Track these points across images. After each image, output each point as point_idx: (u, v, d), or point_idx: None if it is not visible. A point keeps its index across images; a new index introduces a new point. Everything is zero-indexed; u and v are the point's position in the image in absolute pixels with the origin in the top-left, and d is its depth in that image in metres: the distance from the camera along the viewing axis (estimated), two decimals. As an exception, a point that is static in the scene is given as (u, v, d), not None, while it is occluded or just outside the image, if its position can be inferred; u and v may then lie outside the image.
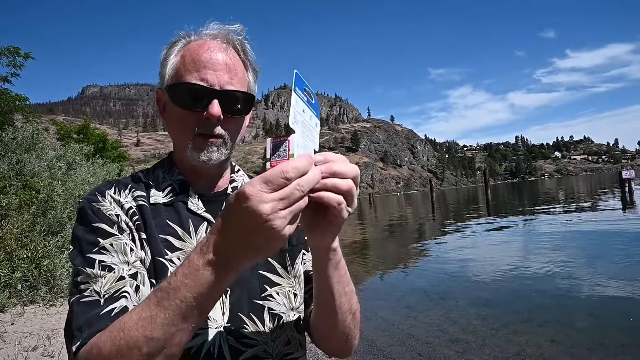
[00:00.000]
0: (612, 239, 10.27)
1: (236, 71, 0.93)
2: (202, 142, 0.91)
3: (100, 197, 0.89)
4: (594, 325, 4.90)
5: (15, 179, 7.35)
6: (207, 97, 0.88)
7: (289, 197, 0.58)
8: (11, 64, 11.03)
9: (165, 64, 0.94)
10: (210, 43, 0.92)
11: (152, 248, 0.87)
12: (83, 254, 0.81)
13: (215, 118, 0.88)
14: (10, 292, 5.65)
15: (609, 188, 36.49)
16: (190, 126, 0.90)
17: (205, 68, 0.89)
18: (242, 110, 0.94)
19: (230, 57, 0.92)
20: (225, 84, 0.90)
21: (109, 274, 0.78)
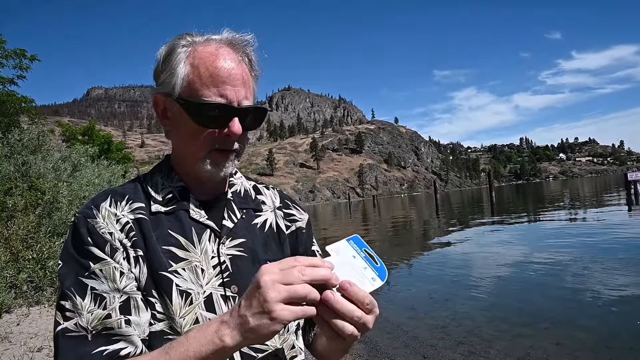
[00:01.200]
0: (618, 241, 10.20)
1: (249, 85, 0.92)
2: (219, 156, 0.90)
3: (96, 211, 0.86)
4: (600, 328, 4.86)
5: (21, 181, 7.39)
6: (228, 115, 0.87)
7: (289, 274, 0.67)
8: (17, 66, 11.12)
9: (171, 71, 0.90)
10: (223, 51, 0.89)
11: (154, 263, 0.85)
12: (75, 275, 0.80)
13: (237, 136, 0.89)
14: (16, 293, 5.67)
15: (615, 190, 36.29)
16: (206, 141, 0.89)
17: (224, 84, 0.87)
18: (257, 125, 0.95)
19: (244, 71, 0.91)
20: (243, 100, 0.89)
21: (96, 309, 0.78)
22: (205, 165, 0.90)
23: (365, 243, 0.78)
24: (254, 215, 1.03)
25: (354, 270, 0.74)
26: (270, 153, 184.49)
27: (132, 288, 0.82)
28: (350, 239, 0.78)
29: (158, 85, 0.94)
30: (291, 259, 0.70)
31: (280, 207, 1.10)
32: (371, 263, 0.76)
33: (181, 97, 0.88)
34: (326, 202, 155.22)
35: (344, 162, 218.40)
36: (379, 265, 0.76)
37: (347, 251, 0.76)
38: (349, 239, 0.78)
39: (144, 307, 0.82)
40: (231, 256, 0.92)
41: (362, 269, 0.75)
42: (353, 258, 0.76)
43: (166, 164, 1.00)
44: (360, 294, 0.70)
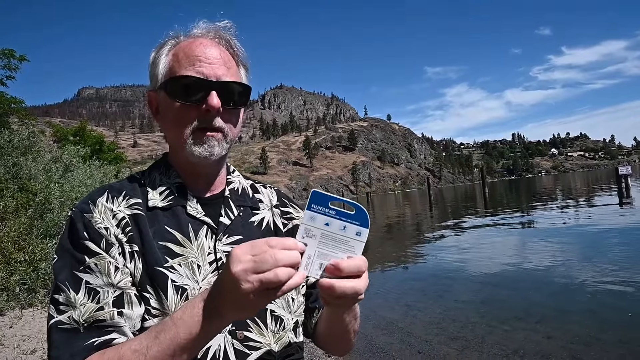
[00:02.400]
0: (609, 234, 10.31)
1: (230, 65, 0.93)
2: (202, 135, 0.90)
3: (92, 206, 0.87)
4: (591, 321, 4.92)
5: (11, 182, 7.33)
6: (205, 89, 0.88)
7: (262, 262, 0.64)
8: (6, 67, 11.00)
9: (156, 64, 0.94)
10: (201, 39, 0.93)
11: (149, 258, 0.85)
12: (70, 269, 0.81)
13: (215, 109, 0.88)
14: (8, 296, 5.63)
15: (606, 184, 36.60)
16: (189, 120, 0.90)
17: (200, 62, 0.89)
18: (240, 102, 0.94)
19: (223, 53, 0.93)
20: (221, 76, 0.90)
21: (89, 303, 0.79)
22: (191, 146, 0.90)
23: (327, 195, 0.70)
24: (251, 213, 1.04)
25: (335, 239, 0.70)
26: (263, 151, 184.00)
27: (126, 283, 0.83)
28: (310, 203, 0.70)
29: (150, 83, 0.97)
30: (263, 241, 0.67)
31: (278, 206, 1.11)
32: (346, 216, 0.70)
33: (163, 83, 0.92)
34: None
35: (337, 159, 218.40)
36: (354, 212, 0.71)
37: (317, 221, 0.70)
38: (309, 204, 0.70)
39: (137, 302, 0.83)
40: (227, 253, 0.92)
41: (342, 231, 0.70)
42: (327, 226, 0.70)
43: (164, 161, 1.01)
44: (353, 267, 0.70)
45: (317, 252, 0.69)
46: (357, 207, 0.71)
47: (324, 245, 0.70)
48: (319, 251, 0.69)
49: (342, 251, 0.70)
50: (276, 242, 0.66)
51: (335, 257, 0.70)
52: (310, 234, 0.69)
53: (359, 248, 0.71)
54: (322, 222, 0.69)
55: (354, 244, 0.71)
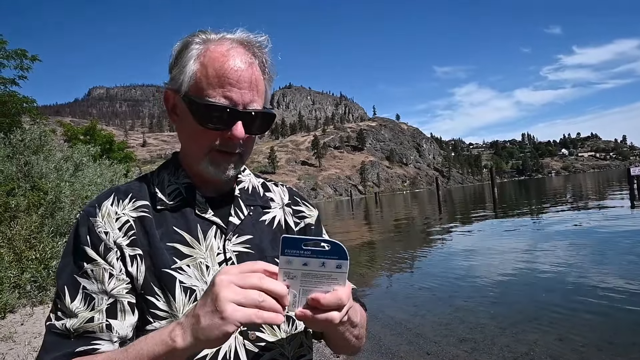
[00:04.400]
0: (621, 236, 10.17)
1: (259, 87, 0.90)
2: (219, 157, 0.89)
3: (97, 209, 0.88)
4: (603, 324, 4.86)
5: (23, 181, 7.41)
6: (231, 118, 0.86)
7: (246, 277, 0.66)
8: (19, 67, 11.12)
9: (182, 67, 0.89)
10: (234, 52, 0.87)
11: (157, 260, 0.85)
12: (70, 273, 0.83)
13: (239, 140, 0.87)
14: (20, 293, 5.69)
15: (617, 185, 36.20)
16: (208, 142, 0.88)
17: (230, 85, 0.85)
18: (263, 129, 0.92)
19: (254, 73, 0.88)
20: (249, 104, 0.87)
21: (83, 311, 0.81)
22: (206, 164, 0.90)
23: (298, 237, 0.70)
24: (262, 212, 1.03)
25: (317, 276, 0.70)
26: (271, 151, 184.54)
27: (119, 291, 0.83)
28: (283, 249, 0.69)
29: (170, 80, 0.93)
30: (252, 263, 0.69)
31: (289, 204, 1.09)
32: (322, 253, 0.70)
33: (187, 95, 0.87)
34: (328, 200, 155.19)
35: (345, 159, 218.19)
36: (330, 248, 0.70)
37: (294, 264, 0.69)
38: (283, 250, 0.69)
39: (130, 310, 0.83)
40: (237, 253, 0.92)
41: (322, 267, 0.70)
42: (306, 266, 0.69)
43: (174, 161, 1.00)
44: (332, 301, 0.70)
45: (301, 290, 0.70)
46: (332, 244, 0.70)
47: (306, 283, 0.70)
48: (303, 289, 0.70)
49: (326, 285, 0.70)
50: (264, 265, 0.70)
51: (320, 291, 0.70)
52: (290, 275, 0.69)
53: (343, 279, 0.71)
54: (300, 264, 0.69)
55: (336, 276, 0.70)
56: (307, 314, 0.69)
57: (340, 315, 0.71)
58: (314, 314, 0.70)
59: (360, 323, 0.94)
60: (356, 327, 0.92)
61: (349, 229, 21.96)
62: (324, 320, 0.70)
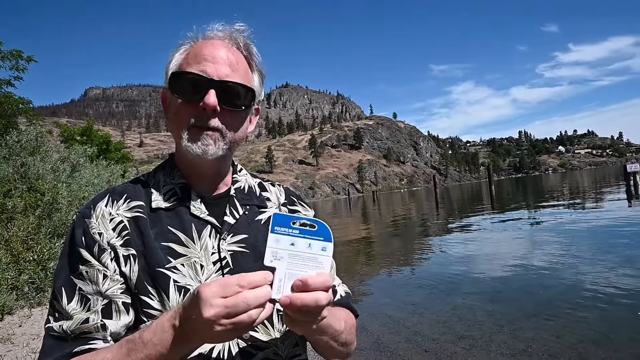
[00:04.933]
0: (618, 232, 10.22)
1: (238, 67, 0.92)
2: (197, 133, 0.89)
3: (92, 210, 0.89)
4: (600, 320, 4.88)
5: (20, 182, 7.39)
6: (204, 88, 0.87)
7: (234, 307, 0.65)
8: (14, 68, 11.06)
9: (170, 62, 0.96)
10: (213, 40, 0.93)
11: (151, 260, 0.86)
12: (67, 274, 0.85)
13: (210, 108, 0.86)
14: (18, 295, 5.68)
15: (614, 181, 36.31)
16: (186, 117, 0.89)
17: (205, 61, 0.89)
18: (241, 104, 0.92)
19: (232, 54, 0.92)
20: (224, 76, 0.88)
21: (79, 312, 0.82)
22: (186, 142, 0.89)
23: (288, 215, 0.73)
24: (258, 212, 1.03)
25: (303, 257, 0.71)
26: (269, 150, 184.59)
27: (114, 292, 0.84)
28: (273, 225, 0.72)
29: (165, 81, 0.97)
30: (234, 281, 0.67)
31: (285, 204, 1.10)
32: (310, 233, 0.72)
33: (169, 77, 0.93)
34: (326, 199, 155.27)
35: (343, 158, 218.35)
36: (317, 228, 0.72)
37: (283, 243, 0.71)
38: (273, 227, 0.72)
39: (125, 310, 0.84)
40: (232, 252, 0.92)
41: (308, 248, 0.72)
42: (293, 246, 0.71)
43: (169, 162, 1.01)
44: (319, 283, 0.69)
45: (287, 274, 0.70)
46: (319, 224, 0.73)
47: (292, 266, 0.71)
48: (289, 272, 0.71)
49: (311, 268, 0.71)
50: (247, 281, 0.67)
51: (305, 275, 0.70)
52: (277, 256, 0.71)
53: (327, 263, 0.72)
54: (288, 243, 0.71)
55: (321, 259, 0.72)
56: (293, 298, 0.68)
57: (328, 296, 0.70)
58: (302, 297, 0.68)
59: (345, 329, 0.94)
60: (340, 334, 0.91)
61: (347, 227, 21.96)
62: (311, 300, 0.68)
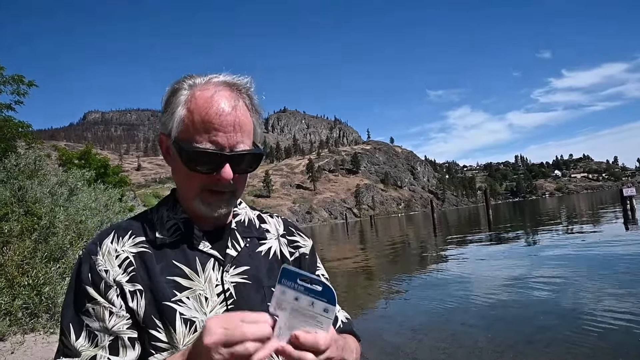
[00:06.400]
0: (616, 257, 10.19)
1: (245, 127, 0.93)
2: (210, 197, 0.93)
3: (98, 247, 0.91)
4: (601, 345, 4.83)
5: (17, 206, 7.36)
6: (218, 161, 0.89)
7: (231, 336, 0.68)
8: (15, 92, 11.14)
9: (171, 113, 0.93)
10: (217, 97, 0.90)
11: (157, 294, 0.88)
12: (74, 311, 0.87)
13: (227, 181, 0.90)
14: (11, 320, 5.59)
15: (611, 205, 36.42)
16: (199, 184, 0.92)
17: (215, 130, 0.88)
18: (252, 168, 0.95)
19: (239, 114, 0.91)
20: (236, 145, 0.90)
21: (87, 349, 0.84)
22: (198, 204, 0.93)
23: (296, 271, 0.73)
24: (258, 244, 1.06)
25: (304, 314, 0.72)
26: (266, 175, 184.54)
27: (119, 327, 0.86)
28: (281, 278, 0.73)
29: (162, 125, 0.97)
30: (237, 316, 0.70)
31: (284, 235, 1.13)
32: (314, 293, 0.72)
33: (177, 141, 0.91)
34: (323, 223, 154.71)
35: (340, 182, 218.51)
36: (321, 289, 0.72)
37: (288, 296, 0.72)
38: (280, 279, 0.73)
39: (131, 345, 0.86)
40: (235, 284, 0.95)
41: (310, 307, 0.72)
42: (297, 301, 0.72)
43: (172, 197, 1.04)
44: (309, 343, 0.71)
45: (287, 325, 0.72)
46: (325, 286, 0.73)
47: (293, 319, 0.72)
48: (289, 324, 0.72)
49: (311, 325, 0.72)
50: (249, 317, 0.70)
51: (303, 330, 0.72)
52: (281, 306, 0.72)
53: (327, 324, 0.73)
54: (292, 297, 0.72)
55: (321, 320, 0.72)
56: (286, 349, 0.70)
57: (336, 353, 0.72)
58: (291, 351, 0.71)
59: (356, 357, 0.96)
60: None
61: (345, 252, 21.84)
62: (297, 358, 0.70)
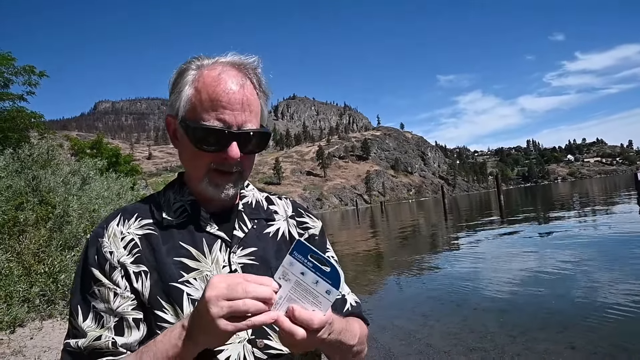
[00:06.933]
0: (630, 241, 10.06)
1: (252, 107, 0.93)
2: (218, 177, 0.93)
3: (105, 230, 0.92)
4: (615, 330, 4.79)
5: (31, 195, 7.47)
6: (226, 139, 0.89)
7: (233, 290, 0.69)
8: (27, 83, 11.24)
9: (178, 93, 0.93)
10: (225, 75, 0.90)
11: (164, 275, 0.88)
12: (81, 293, 0.88)
13: (234, 160, 0.90)
14: (29, 307, 5.71)
15: (625, 190, 35.92)
16: (206, 163, 0.92)
17: (222, 108, 0.88)
18: (259, 148, 0.96)
19: (247, 93, 0.91)
20: (243, 124, 0.90)
21: (93, 329, 0.85)
22: (205, 185, 0.93)
23: (309, 247, 0.73)
24: (266, 225, 1.05)
25: (306, 290, 0.72)
26: (276, 162, 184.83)
27: (124, 309, 0.87)
28: (293, 250, 0.73)
29: (169, 107, 0.97)
30: (239, 275, 0.72)
31: (293, 216, 1.12)
32: (321, 272, 0.72)
33: (184, 120, 0.92)
34: (334, 210, 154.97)
35: (350, 169, 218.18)
36: (329, 270, 0.72)
37: (295, 268, 0.73)
38: (292, 251, 0.73)
39: (136, 326, 0.87)
40: (243, 265, 0.95)
41: (314, 285, 0.72)
42: (302, 275, 0.72)
43: (179, 181, 1.04)
44: (303, 319, 0.70)
45: (287, 296, 0.73)
46: (332, 267, 0.73)
47: (295, 292, 0.73)
48: (290, 296, 0.73)
49: (309, 303, 0.72)
50: (252, 278, 0.71)
51: (301, 305, 0.72)
52: (286, 277, 0.73)
53: (326, 305, 0.73)
54: (299, 270, 0.73)
55: (322, 300, 0.73)
56: (280, 319, 0.71)
57: (303, 335, 0.71)
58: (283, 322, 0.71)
59: (358, 342, 0.95)
60: (353, 347, 0.92)
61: (355, 238, 21.89)
62: (287, 331, 0.70)
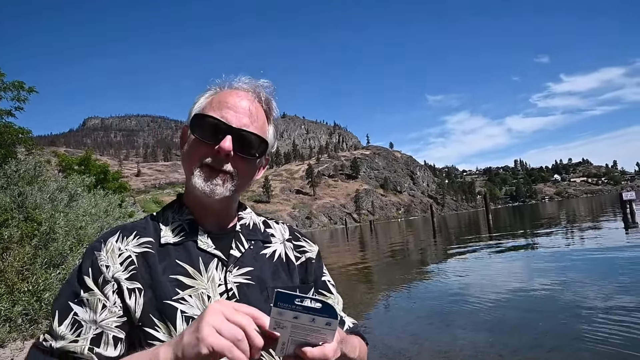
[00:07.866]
0: (617, 260, 10.16)
1: (257, 119, 0.98)
2: (208, 172, 0.94)
3: (103, 244, 0.93)
4: (604, 350, 4.81)
5: (17, 212, 7.35)
6: (222, 133, 0.93)
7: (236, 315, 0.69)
8: (15, 98, 11.15)
9: (195, 103, 1.02)
10: (239, 91, 1.00)
11: (158, 293, 0.89)
12: (66, 298, 0.87)
13: (225, 152, 0.92)
14: (11, 327, 5.57)
15: (610, 210, 36.40)
16: (200, 155, 0.94)
17: (228, 108, 0.95)
18: (254, 153, 0.98)
19: (254, 107, 0.99)
20: (243, 126, 0.95)
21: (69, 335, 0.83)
22: (196, 179, 0.94)
23: (291, 294, 0.70)
24: (263, 247, 1.07)
25: (306, 329, 0.71)
26: (266, 180, 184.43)
27: (108, 323, 0.86)
28: (276, 301, 0.70)
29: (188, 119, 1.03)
30: (249, 307, 0.72)
31: (290, 239, 1.14)
32: (313, 311, 0.71)
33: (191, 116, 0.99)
34: (323, 228, 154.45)
35: (340, 187, 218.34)
36: (320, 306, 0.71)
37: (286, 315, 0.70)
38: (275, 302, 0.70)
39: (113, 344, 0.86)
40: (238, 284, 0.95)
41: (311, 322, 0.71)
42: (296, 319, 0.70)
43: (177, 201, 1.06)
44: (318, 356, 0.71)
45: (290, 340, 0.72)
46: (323, 304, 0.71)
47: (296, 335, 0.71)
48: (292, 339, 0.72)
49: (314, 338, 0.72)
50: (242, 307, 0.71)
51: (308, 343, 0.72)
52: (281, 325, 0.71)
53: (331, 335, 0.73)
54: (291, 316, 0.70)
55: (325, 332, 0.72)
56: None
57: None
58: None
59: (359, 356, 0.97)
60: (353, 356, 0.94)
61: (345, 258, 21.79)
62: None
